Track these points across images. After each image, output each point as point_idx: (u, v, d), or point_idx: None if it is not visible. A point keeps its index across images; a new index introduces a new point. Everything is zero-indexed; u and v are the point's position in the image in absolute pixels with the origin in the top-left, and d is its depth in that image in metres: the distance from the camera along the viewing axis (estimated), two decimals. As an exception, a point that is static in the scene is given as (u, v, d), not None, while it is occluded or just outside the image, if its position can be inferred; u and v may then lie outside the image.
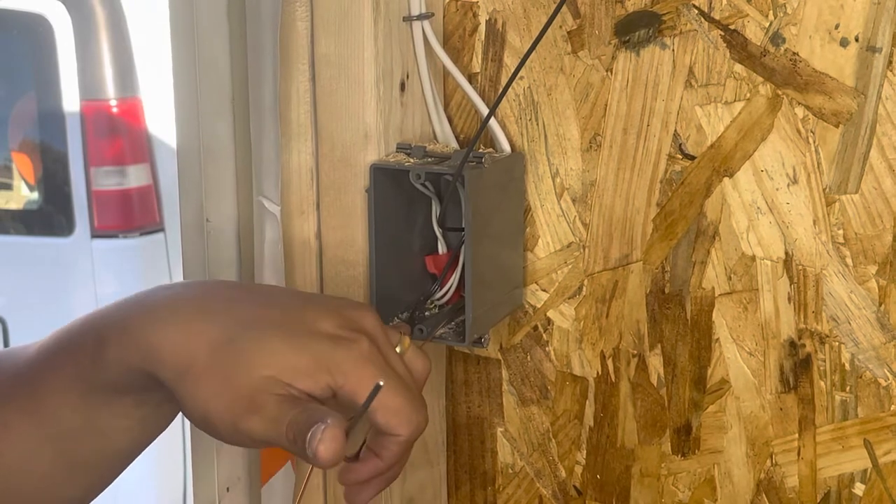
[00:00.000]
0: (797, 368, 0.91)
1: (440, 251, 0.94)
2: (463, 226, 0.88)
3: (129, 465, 0.76)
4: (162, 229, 2.79)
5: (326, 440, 0.64)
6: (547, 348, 0.98)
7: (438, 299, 0.93)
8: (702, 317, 0.93)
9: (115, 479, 0.77)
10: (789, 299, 0.90)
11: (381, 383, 0.68)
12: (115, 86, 2.73)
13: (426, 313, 0.93)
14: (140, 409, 0.73)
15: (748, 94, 0.88)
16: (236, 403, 0.68)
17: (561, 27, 0.93)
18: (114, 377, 0.71)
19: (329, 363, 0.69)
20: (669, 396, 0.95)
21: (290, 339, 0.70)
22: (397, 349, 0.75)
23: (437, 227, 0.94)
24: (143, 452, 0.77)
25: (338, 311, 0.73)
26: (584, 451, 0.99)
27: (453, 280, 0.92)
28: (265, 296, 0.74)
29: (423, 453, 0.99)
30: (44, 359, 0.73)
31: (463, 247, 0.90)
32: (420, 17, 0.92)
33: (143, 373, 0.70)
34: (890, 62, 0.84)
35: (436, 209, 0.93)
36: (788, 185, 0.88)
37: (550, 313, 0.98)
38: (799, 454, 0.92)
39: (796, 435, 0.92)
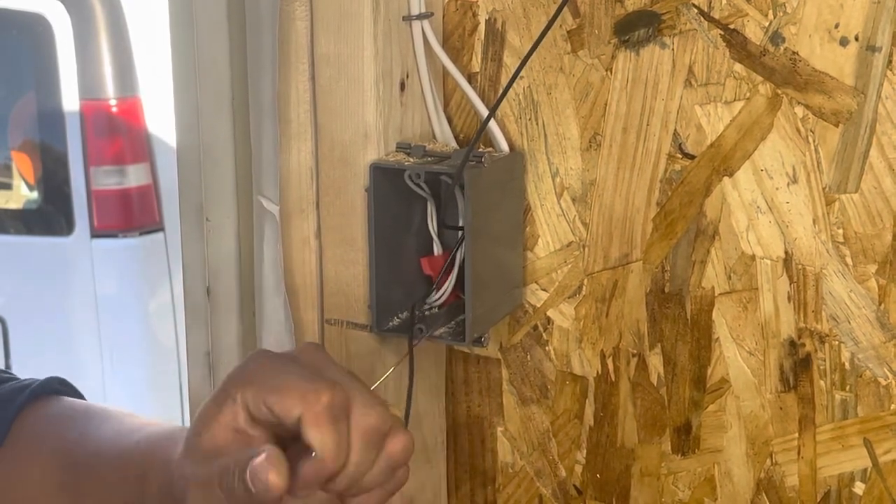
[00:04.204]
0: (797, 368, 0.91)
1: (436, 252, 0.94)
2: (462, 224, 0.88)
3: None
4: (162, 229, 2.79)
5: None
6: (547, 348, 0.98)
7: (434, 301, 0.93)
8: (701, 316, 0.93)
9: None
10: (789, 298, 0.90)
11: None
12: (115, 85, 2.72)
13: (425, 313, 0.92)
14: None
15: (748, 94, 0.88)
16: None
17: (561, 27, 0.93)
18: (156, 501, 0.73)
19: None
20: (669, 396, 0.95)
21: None
22: None
23: (432, 229, 0.94)
24: None
25: None
26: (584, 451, 0.99)
27: (449, 282, 0.92)
28: None
29: (423, 452, 0.99)
30: (94, 464, 0.76)
31: (461, 247, 0.90)
32: (420, 17, 0.92)
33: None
34: (890, 61, 0.84)
35: (431, 210, 0.93)
36: (788, 185, 0.88)
37: (550, 313, 0.98)
38: (799, 453, 0.92)
39: (796, 434, 0.92)
